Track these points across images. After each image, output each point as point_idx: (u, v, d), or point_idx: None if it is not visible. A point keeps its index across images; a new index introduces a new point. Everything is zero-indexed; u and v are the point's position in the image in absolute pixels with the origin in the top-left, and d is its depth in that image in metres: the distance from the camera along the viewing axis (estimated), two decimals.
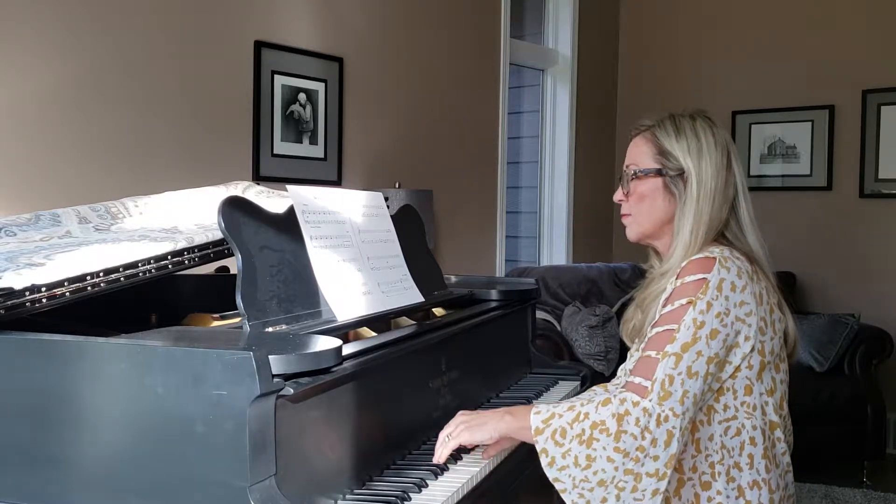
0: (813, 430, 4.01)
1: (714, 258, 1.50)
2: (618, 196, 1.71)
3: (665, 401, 1.42)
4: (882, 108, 4.65)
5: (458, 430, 1.52)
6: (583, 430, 1.42)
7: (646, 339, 1.53)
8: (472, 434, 1.51)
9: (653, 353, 1.48)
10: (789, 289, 4.78)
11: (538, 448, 1.45)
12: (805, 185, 4.91)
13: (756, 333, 1.50)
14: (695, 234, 1.58)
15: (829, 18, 4.81)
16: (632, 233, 1.70)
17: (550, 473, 1.43)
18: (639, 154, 1.67)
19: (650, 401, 1.43)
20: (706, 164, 1.59)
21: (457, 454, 1.59)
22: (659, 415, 1.41)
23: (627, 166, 1.69)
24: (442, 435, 1.54)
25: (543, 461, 1.44)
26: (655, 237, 1.68)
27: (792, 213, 4.93)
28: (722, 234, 1.61)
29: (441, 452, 1.51)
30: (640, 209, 1.67)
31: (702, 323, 1.45)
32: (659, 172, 1.63)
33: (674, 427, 1.41)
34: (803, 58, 4.87)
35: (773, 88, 4.96)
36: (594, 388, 1.91)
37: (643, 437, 1.40)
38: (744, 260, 1.54)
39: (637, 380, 1.48)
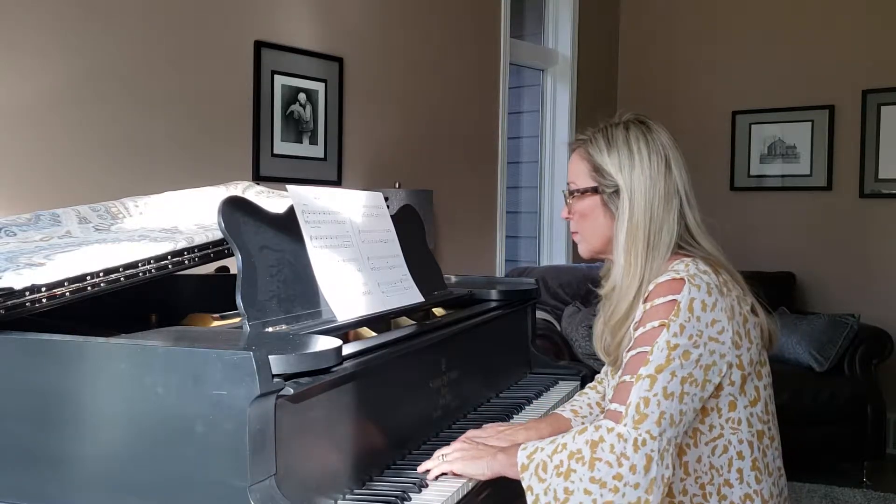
0: (813, 430, 4.01)
1: (682, 279, 1.45)
2: (564, 213, 1.68)
3: (640, 423, 1.37)
4: (882, 108, 4.65)
5: (454, 457, 1.51)
6: (561, 462, 1.38)
7: (622, 364, 1.49)
8: (465, 466, 1.49)
9: (627, 378, 1.43)
10: (789, 289, 4.79)
11: (524, 486, 1.41)
12: (805, 185, 4.91)
13: (731, 349, 1.45)
14: (632, 255, 1.53)
15: (829, 18, 4.81)
16: (583, 250, 1.67)
17: None
18: (576, 172, 1.64)
19: (625, 425, 1.38)
20: (639, 178, 1.54)
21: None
22: (636, 439, 1.36)
23: (568, 184, 1.65)
24: (438, 453, 1.53)
25: (528, 500, 1.40)
26: (606, 252, 1.64)
27: (792, 213, 4.93)
28: (678, 245, 1.55)
29: (431, 470, 1.50)
30: (584, 227, 1.64)
31: (675, 345, 1.41)
32: (595, 190, 1.60)
33: (652, 450, 1.35)
34: (803, 58, 4.87)
35: (773, 88, 4.96)
36: (586, 391, 1.89)
37: (619, 465, 1.35)
38: (710, 272, 1.48)
39: (613, 406, 1.43)
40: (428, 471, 1.50)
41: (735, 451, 1.49)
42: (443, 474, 1.50)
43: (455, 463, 1.49)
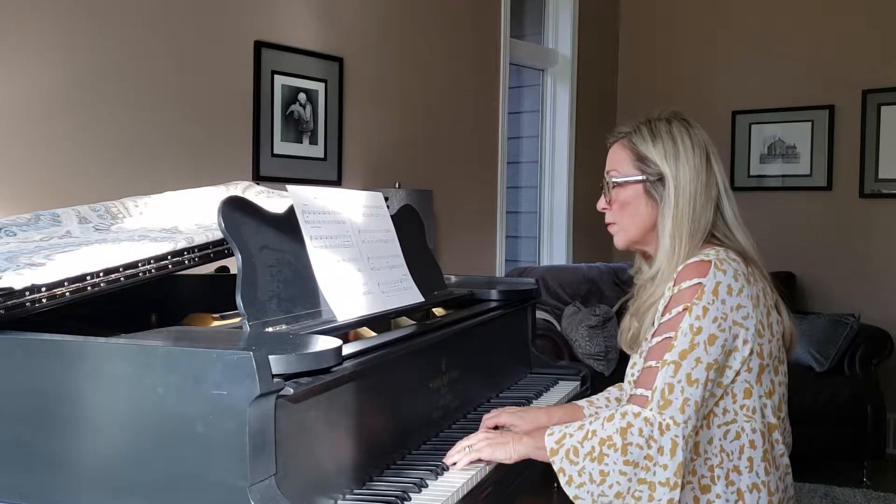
0: (813, 430, 4.01)
1: (709, 261, 1.49)
2: (601, 205, 1.70)
3: (665, 409, 1.42)
4: (882, 108, 4.65)
5: (480, 445, 1.54)
6: (592, 448, 1.43)
7: (647, 349, 1.53)
8: (494, 451, 1.53)
9: (653, 363, 1.48)
10: (789, 289, 4.78)
11: (555, 468, 1.46)
12: (805, 185, 4.90)
13: (754, 336, 1.49)
14: (676, 239, 1.57)
15: (829, 18, 4.81)
16: (619, 241, 1.69)
17: (570, 491, 1.45)
18: (618, 161, 1.66)
19: (651, 410, 1.43)
20: (684, 168, 1.58)
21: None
22: (661, 423, 1.42)
23: (608, 173, 1.68)
24: (461, 444, 1.55)
25: (562, 480, 1.45)
26: (643, 243, 1.67)
27: (792, 213, 4.93)
28: (712, 234, 1.60)
29: (459, 460, 1.52)
30: (623, 217, 1.66)
31: (699, 329, 1.45)
32: (639, 179, 1.62)
33: (676, 436, 1.41)
34: (803, 58, 4.87)
35: (773, 88, 4.96)
36: (609, 389, 1.90)
37: (649, 447, 1.41)
38: (740, 261, 1.53)
39: (639, 391, 1.49)
40: (454, 463, 1.53)
41: (748, 438, 1.51)
42: (471, 463, 1.53)
43: (483, 450, 1.53)
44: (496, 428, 1.71)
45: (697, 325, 1.45)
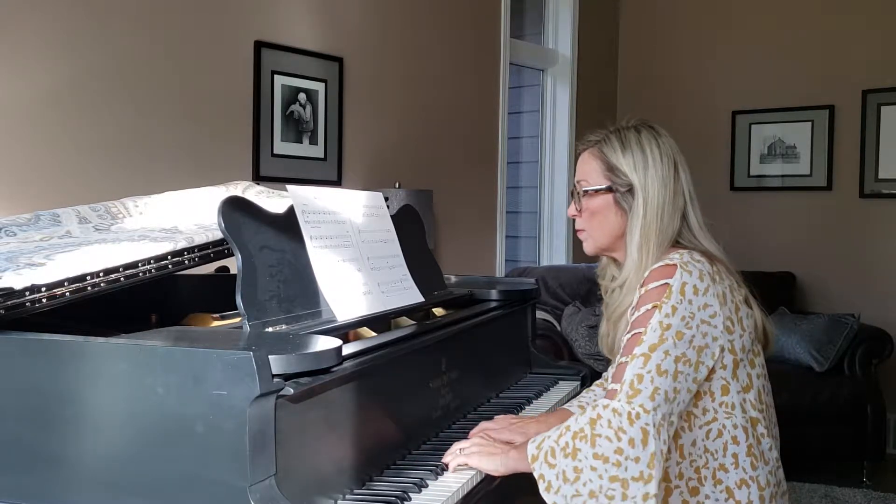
0: (813, 430, 4.01)
1: (675, 264, 1.51)
2: (571, 211, 1.73)
3: (634, 398, 1.42)
4: (882, 108, 4.65)
5: (471, 451, 1.55)
6: (566, 443, 1.44)
7: (620, 348, 1.55)
8: (481, 461, 1.53)
9: (623, 359, 1.49)
10: (789, 289, 4.79)
11: (535, 475, 1.46)
12: (805, 185, 4.91)
13: (723, 333, 1.50)
14: (644, 251, 1.60)
15: (828, 18, 4.81)
16: (588, 247, 1.73)
17: (549, 498, 1.44)
18: (588, 171, 1.69)
19: (619, 401, 1.43)
20: (652, 179, 1.61)
21: None
22: (630, 413, 1.41)
23: (578, 182, 1.70)
24: (456, 446, 1.57)
25: (541, 487, 1.45)
26: (612, 249, 1.71)
27: (792, 213, 4.93)
28: (677, 241, 1.62)
29: (450, 463, 1.54)
30: (593, 225, 1.69)
31: (668, 325, 1.46)
32: (609, 189, 1.65)
33: (646, 424, 1.40)
34: (803, 58, 4.87)
35: (773, 88, 4.96)
36: (593, 387, 1.92)
37: (618, 439, 1.40)
38: (704, 261, 1.54)
39: (611, 386, 1.50)
40: (447, 464, 1.54)
41: (729, 435, 1.52)
42: (459, 466, 1.54)
43: (472, 457, 1.54)
44: None
45: (667, 321, 1.46)
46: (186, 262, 1.57)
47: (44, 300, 1.32)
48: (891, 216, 4.67)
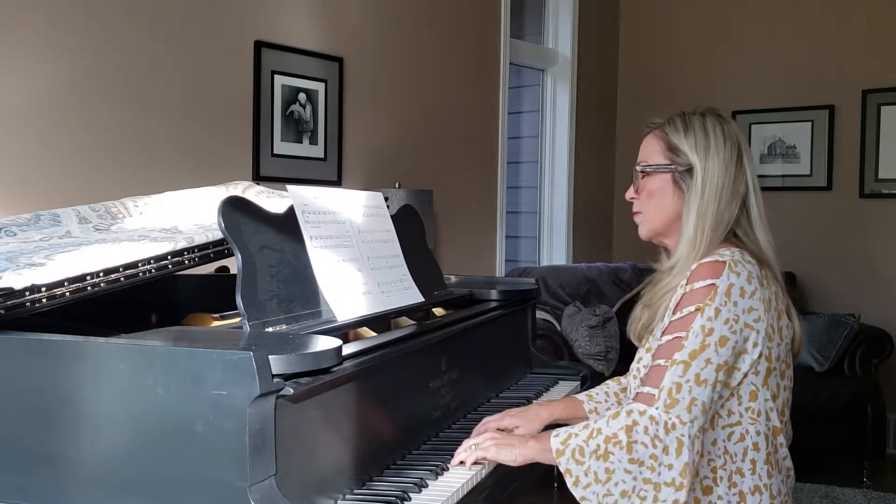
0: (813, 430, 4.01)
1: (724, 262, 1.49)
2: (629, 194, 1.71)
3: (672, 408, 1.42)
4: (882, 108, 4.65)
5: (487, 444, 1.54)
6: (598, 446, 1.43)
7: (656, 347, 1.53)
8: (499, 452, 1.53)
9: (662, 362, 1.47)
10: (789, 289, 4.77)
11: (562, 469, 1.45)
12: (805, 185, 4.90)
13: (764, 339, 1.49)
14: (699, 230, 1.57)
15: (829, 18, 4.81)
16: (643, 230, 1.69)
17: (577, 493, 1.44)
18: (649, 151, 1.67)
19: (657, 409, 1.42)
20: (713, 160, 1.59)
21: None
22: (666, 422, 1.41)
23: (638, 163, 1.69)
24: (467, 443, 1.56)
25: (568, 481, 1.44)
26: (666, 234, 1.67)
27: (792, 213, 4.93)
28: (734, 232, 1.60)
29: (465, 458, 1.53)
30: (649, 206, 1.66)
31: (710, 330, 1.44)
32: (668, 168, 1.63)
33: (682, 435, 1.40)
34: (803, 58, 4.87)
35: (773, 88, 4.96)
36: (608, 382, 1.90)
37: (654, 446, 1.40)
38: (754, 263, 1.53)
39: (646, 389, 1.48)
40: (461, 462, 1.53)
41: (751, 441, 1.51)
42: (476, 462, 1.53)
43: (489, 450, 1.53)
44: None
45: (709, 326, 1.45)
46: (186, 262, 1.56)
47: (44, 300, 1.32)
48: (891, 216, 4.67)
